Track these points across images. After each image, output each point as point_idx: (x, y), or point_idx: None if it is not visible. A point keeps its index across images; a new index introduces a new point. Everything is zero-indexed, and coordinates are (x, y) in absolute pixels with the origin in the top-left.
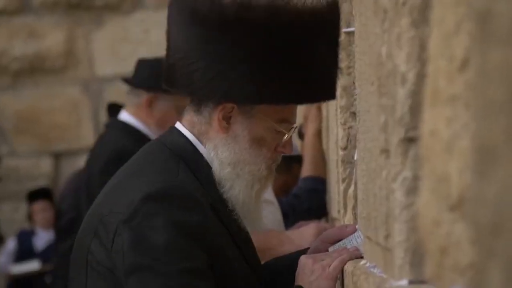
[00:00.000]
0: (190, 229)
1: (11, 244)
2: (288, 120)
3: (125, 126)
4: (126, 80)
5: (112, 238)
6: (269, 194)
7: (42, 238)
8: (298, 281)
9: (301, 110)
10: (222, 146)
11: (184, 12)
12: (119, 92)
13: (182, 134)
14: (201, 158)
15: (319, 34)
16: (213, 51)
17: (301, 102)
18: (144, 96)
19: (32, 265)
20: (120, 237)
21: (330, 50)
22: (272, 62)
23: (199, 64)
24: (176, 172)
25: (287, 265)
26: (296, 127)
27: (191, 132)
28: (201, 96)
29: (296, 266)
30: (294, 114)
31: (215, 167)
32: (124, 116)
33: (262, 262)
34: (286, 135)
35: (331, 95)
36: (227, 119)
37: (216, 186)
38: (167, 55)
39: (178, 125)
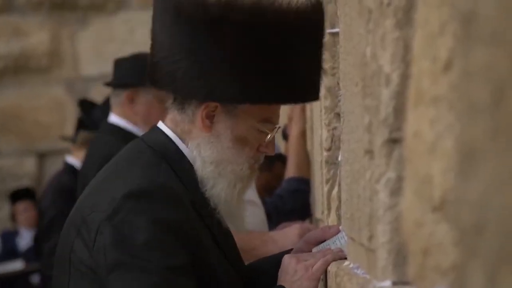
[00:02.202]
0: (171, 226)
1: None
2: (271, 121)
3: (114, 128)
4: (107, 83)
5: (94, 237)
6: (253, 195)
7: (25, 238)
8: (280, 281)
9: (285, 110)
10: (204, 145)
11: (168, 11)
12: (103, 92)
13: (164, 133)
14: (183, 157)
15: (303, 34)
16: (196, 49)
17: (284, 102)
18: (124, 94)
19: (16, 265)
20: (102, 236)
21: (313, 51)
22: (255, 62)
23: (182, 62)
24: (157, 170)
25: (271, 266)
26: (279, 127)
27: (174, 131)
28: (185, 94)
29: (279, 267)
30: (277, 115)
31: (198, 165)
32: (112, 118)
33: (245, 263)
34: (269, 135)
35: (314, 96)
36: (210, 118)
37: (198, 185)
38: (151, 53)
39: (160, 124)
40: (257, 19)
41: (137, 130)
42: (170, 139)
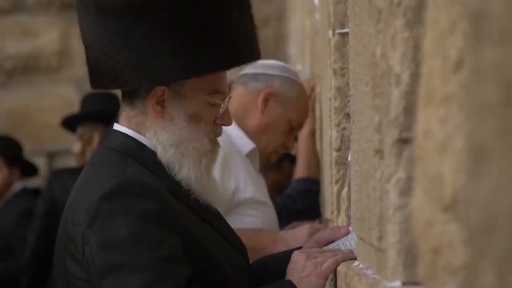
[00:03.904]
0: (152, 217)
1: None
2: (220, 91)
3: None
4: None
5: (82, 249)
6: (263, 195)
7: None
8: (289, 276)
9: None
10: (161, 130)
11: (90, 11)
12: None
13: (122, 132)
14: (145, 148)
15: None
16: (129, 39)
17: (226, 67)
18: None
19: None
20: (88, 245)
21: (243, 11)
22: (188, 35)
23: (119, 56)
24: (123, 167)
25: (280, 262)
26: (230, 97)
27: (129, 127)
28: (130, 87)
29: (289, 263)
30: (224, 84)
31: (160, 152)
32: None
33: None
34: (222, 106)
35: (255, 56)
36: (160, 104)
37: (167, 171)
38: (86, 57)
39: (115, 126)
40: None
41: None
42: (129, 136)
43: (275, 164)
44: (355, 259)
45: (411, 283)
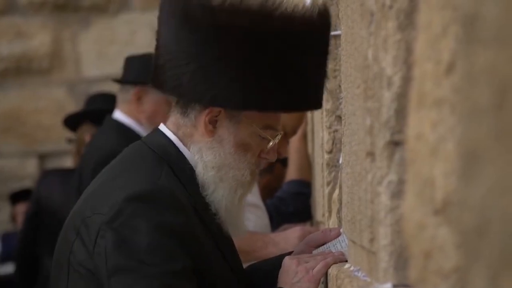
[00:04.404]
0: (173, 230)
1: None
2: (273, 127)
3: (117, 124)
4: (116, 80)
5: (94, 240)
6: (256, 198)
7: None
8: (281, 282)
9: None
10: (206, 150)
11: (175, 15)
12: None
13: (166, 135)
14: (184, 160)
15: (309, 41)
16: (203, 55)
17: (287, 110)
18: (132, 92)
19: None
20: (103, 239)
21: (319, 58)
22: (260, 69)
23: (188, 67)
24: (159, 174)
25: (271, 268)
26: (281, 134)
27: (176, 134)
28: (189, 99)
29: (280, 269)
30: (279, 122)
31: (199, 170)
32: (117, 114)
33: (246, 265)
34: (271, 142)
35: (318, 104)
36: (213, 123)
37: (199, 190)
38: (156, 55)
39: (162, 127)
40: (262, 25)
41: (140, 129)
42: (172, 142)
43: (268, 167)
44: (346, 261)
45: (402, 285)
